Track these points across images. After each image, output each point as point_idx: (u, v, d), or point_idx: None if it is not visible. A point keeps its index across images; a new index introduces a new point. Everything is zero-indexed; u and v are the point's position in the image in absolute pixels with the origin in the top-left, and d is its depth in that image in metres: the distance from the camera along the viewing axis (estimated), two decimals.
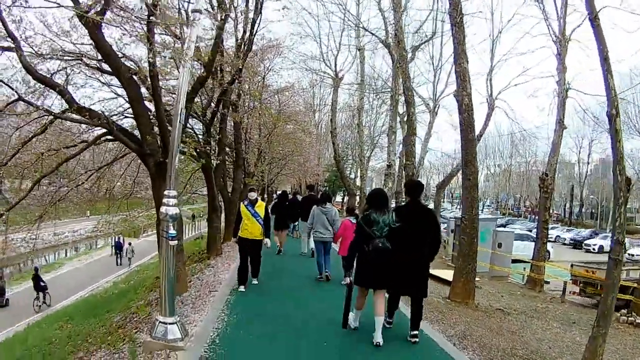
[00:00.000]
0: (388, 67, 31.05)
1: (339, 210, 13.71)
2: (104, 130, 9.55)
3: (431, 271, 12.64)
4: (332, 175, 56.43)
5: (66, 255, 41.68)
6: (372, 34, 24.53)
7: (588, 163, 74.91)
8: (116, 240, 37.65)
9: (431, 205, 39.85)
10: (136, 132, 9.97)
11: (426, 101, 30.18)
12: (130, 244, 37.55)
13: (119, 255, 37.57)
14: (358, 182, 36.04)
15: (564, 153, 75.36)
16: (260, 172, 28.85)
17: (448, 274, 13.80)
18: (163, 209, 6.37)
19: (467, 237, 11.29)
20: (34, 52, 8.75)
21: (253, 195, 10.15)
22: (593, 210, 78.22)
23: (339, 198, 63.13)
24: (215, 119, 14.99)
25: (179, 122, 6.42)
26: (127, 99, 9.77)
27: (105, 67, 9.63)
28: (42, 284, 25.32)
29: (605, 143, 65.31)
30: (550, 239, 31.08)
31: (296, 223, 18.07)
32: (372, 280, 6.73)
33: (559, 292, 17.15)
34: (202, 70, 10.19)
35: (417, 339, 6.92)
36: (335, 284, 10.66)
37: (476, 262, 11.46)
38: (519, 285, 18.58)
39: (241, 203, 10.26)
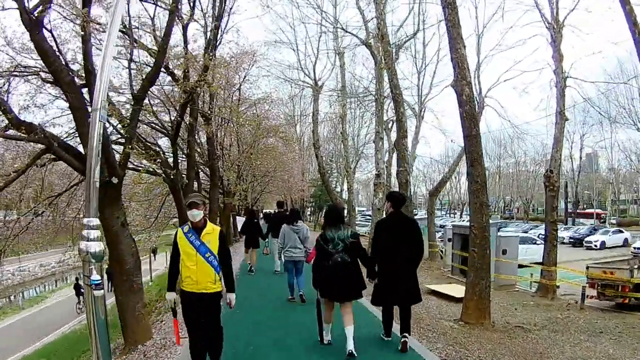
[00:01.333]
0: (369, 72, 29.81)
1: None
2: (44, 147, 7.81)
3: (433, 287, 12.92)
4: (318, 190, 55.34)
5: (56, 285, 40.90)
6: (352, 34, 23.05)
7: (581, 158, 73.12)
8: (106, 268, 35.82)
9: (422, 214, 38.55)
10: None
11: (411, 105, 28.75)
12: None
13: (110, 282, 35.73)
14: (345, 195, 34.82)
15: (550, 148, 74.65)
16: (243, 191, 27.37)
17: (453, 290, 12.89)
18: (82, 244, 4.49)
19: (478, 248, 9.78)
20: None
21: (196, 215, 5.16)
22: (585, 206, 77.16)
23: None
24: (184, 132, 13.39)
25: (98, 119, 4.71)
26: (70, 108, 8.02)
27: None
28: (82, 290, 26.44)
29: (597, 136, 64.55)
30: (538, 239, 29.61)
31: (267, 240, 16.93)
32: (336, 293, 6.83)
33: (573, 297, 15.86)
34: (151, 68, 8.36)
35: (407, 339, 7.01)
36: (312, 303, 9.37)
37: (490, 276, 10.24)
38: (529, 294, 17.08)
39: (178, 230, 5.48)
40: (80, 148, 8.10)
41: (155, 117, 12.63)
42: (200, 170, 20.49)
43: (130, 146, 7.54)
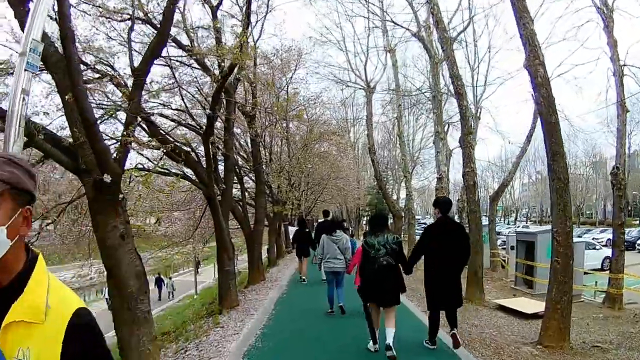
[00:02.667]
0: (420, 72, 27.69)
1: None
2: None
3: (501, 302, 12.02)
4: (374, 198, 53.12)
5: (96, 295, 39.39)
6: (403, 27, 20.99)
7: (629, 156, 68.53)
8: (156, 276, 36.41)
9: (483, 221, 35.87)
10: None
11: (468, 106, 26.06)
12: (170, 278, 37.54)
13: (160, 291, 36.95)
14: (402, 203, 32.73)
15: (598, 149, 70.43)
16: (296, 199, 25.60)
17: (522, 304, 11.54)
18: None
19: (562, 258, 8.19)
20: None
21: None
22: (631, 208, 72.36)
23: None
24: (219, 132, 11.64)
25: (24, 68, 2.88)
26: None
27: None
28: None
29: None
30: (599, 243, 27.64)
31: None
32: (381, 297, 6.87)
33: (637, 306, 14.18)
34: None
35: (455, 331, 7.12)
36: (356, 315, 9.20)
37: (572, 290, 8.65)
38: (596, 305, 14.86)
39: None
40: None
41: (188, 114, 10.95)
42: (245, 175, 18.77)
43: (129, 133, 5.62)
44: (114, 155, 5.78)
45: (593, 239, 32.74)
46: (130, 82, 7.28)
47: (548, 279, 12.60)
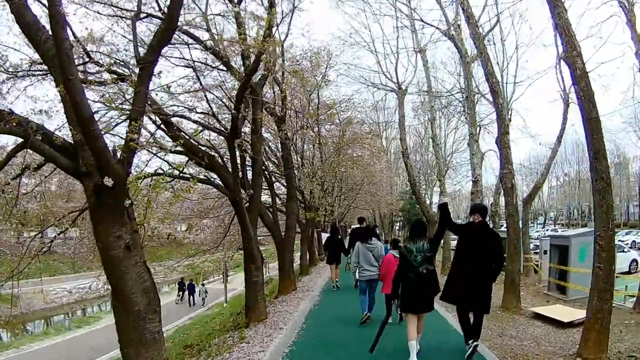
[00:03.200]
0: (450, 74, 26.80)
1: None
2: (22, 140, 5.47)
3: (537, 309, 11.52)
4: (407, 204, 52.25)
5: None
6: (432, 26, 20.11)
7: None
8: (188, 283, 37.76)
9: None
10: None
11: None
12: (203, 284, 37.88)
13: (192, 297, 37.50)
14: (434, 208, 31.68)
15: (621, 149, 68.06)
16: (329, 205, 24.94)
17: (558, 312, 11.16)
18: None
19: (604, 263, 7.73)
20: None
21: None
22: None
23: None
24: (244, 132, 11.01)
25: None
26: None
27: None
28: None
29: None
30: (625, 246, 26.96)
31: (349, 256, 15.64)
32: (418, 305, 6.86)
33: None
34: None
35: (476, 343, 7.00)
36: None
37: (613, 298, 8.23)
38: (626, 310, 13.75)
39: None
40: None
41: (214, 117, 10.35)
42: (276, 181, 18.13)
43: (134, 129, 4.93)
44: (120, 154, 5.11)
45: (619, 241, 31.40)
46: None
47: (581, 285, 12.86)
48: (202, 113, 10.78)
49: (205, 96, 10.13)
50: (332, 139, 21.93)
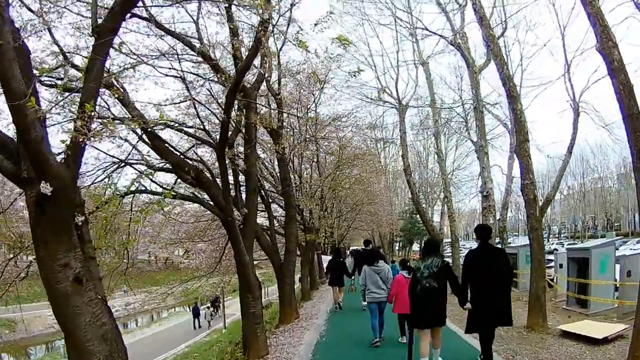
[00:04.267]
0: (451, 89, 25.87)
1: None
2: None
3: (565, 327, 10.62)
4: (407, 224, 50.95)
5: (141, 323, 42.71)
6: (436, 34, 19.20)
7: None
8: (193, 306, 37.76)
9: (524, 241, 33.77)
10: None
11: (503, 121, 24.71)
12: (209, 307, 37.83)
13: (197, 320, 36.95)
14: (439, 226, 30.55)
15: (627, 160, 68.90)
16: (329, 227, 23.78)
17: (589, 328, 10.34)
18: None
19: None
20: None
21: None
22: None
23: (416, 246, 56.91)
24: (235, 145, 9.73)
25: None
26: None
27: None
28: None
29: None
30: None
31: (353, 277, 16.16)
32: (424, 319, 6.90)
33: None
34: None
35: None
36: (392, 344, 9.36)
37: None
38: None
39: None
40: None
41: (204, 131, 9.07)
42: (272, 202, 16.76)
43: (85, 118, 3.54)
44: (64, 152, 3.73)
45: (631, 249, 32.53)
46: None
47: (604, 297, 12.68)
48: (192, 127, 9.62)
49: (195, 106, 9.08)
50: (330, 157, 20.83)
